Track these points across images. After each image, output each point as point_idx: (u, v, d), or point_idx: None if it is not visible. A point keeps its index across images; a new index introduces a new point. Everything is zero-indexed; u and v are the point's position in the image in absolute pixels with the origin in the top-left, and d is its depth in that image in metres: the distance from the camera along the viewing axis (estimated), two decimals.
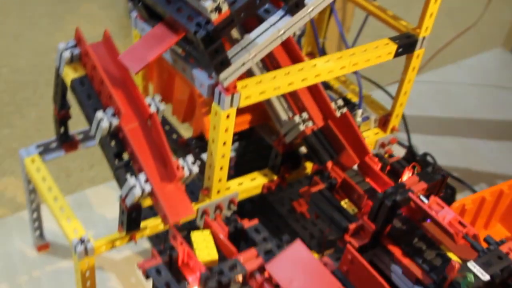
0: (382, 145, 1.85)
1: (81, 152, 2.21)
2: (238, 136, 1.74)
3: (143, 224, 1.47)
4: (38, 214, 1.82)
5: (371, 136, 1.83)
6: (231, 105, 1.38)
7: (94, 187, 2.11)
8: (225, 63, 1.31)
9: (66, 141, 1.68)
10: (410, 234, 1.39)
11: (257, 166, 1.65)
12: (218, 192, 1.55)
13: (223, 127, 1.41)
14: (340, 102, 1.59)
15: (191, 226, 1.55)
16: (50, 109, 1.65)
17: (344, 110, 1.56)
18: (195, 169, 1.38)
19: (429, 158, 2.25)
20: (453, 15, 3.33)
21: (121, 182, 1.37)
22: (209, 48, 1.26)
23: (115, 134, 1.39)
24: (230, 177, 1.55)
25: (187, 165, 1.37)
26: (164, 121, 1.74)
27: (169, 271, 1.26)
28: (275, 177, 1.65)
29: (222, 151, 1.46)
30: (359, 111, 1.79)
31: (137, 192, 1.31)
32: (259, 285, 1.15)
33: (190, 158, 1.38)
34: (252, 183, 1.62)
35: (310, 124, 1.53)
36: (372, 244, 1.39)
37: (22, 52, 2.75)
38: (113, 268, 1.85)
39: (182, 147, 1.68)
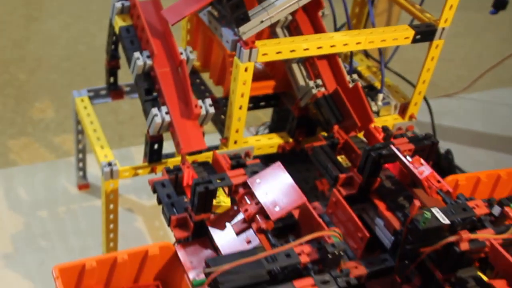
0: (399, 130, 1.97)
1: (137, 122, 2.48)
2: (266, 103, 1.92)
3: (164, 160, 1.68)
4: (84, 156, 2.08)
5: (389, 120, 1.96)
6: (249, 59, 1.57)
7: (140, 146, 2.33)
8: (245, 19, 1.51)
9: (114, 90, 1.93)
10: (397, 193, 1.52)
11: None
12: (235, 142, 1.73)
13: (241, 79, 1.60)
14: (355, 76, 1.74)
15: None
16: None
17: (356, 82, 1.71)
18: (211, 110, 1.58)
19: (450, 157, 2.33)
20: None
21: (147, 113, 1.58)
22: (231, 1, 1.47)
23: (148, 73, 1.62)
24: None
25: (204, 106, 1.57)
26: (196, 76, 1.94)
27: (172, 187, 1.45)
28: (291, 140, 1.82)
29: (239, 102, 1.65)
30: (380, 95, 1.93)
31: (158, 120, 1.52)
32: (240, 196, 1.32)
33: (208, 100, 1.58)
34: (269, 142, 1.79)
35: (322, 89, 1.69)
36: (360, 196, 1.52)
37: (99, 34, 3.08)
38: (141, 211, 2.07)
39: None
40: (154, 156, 1.65)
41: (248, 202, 1.31)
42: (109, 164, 1.65)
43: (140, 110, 1.63)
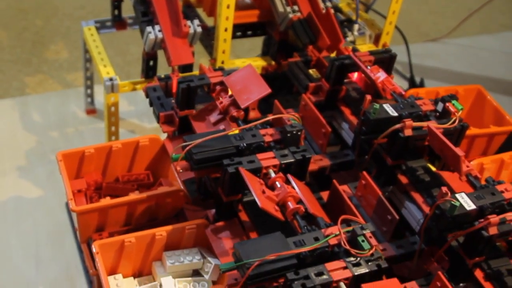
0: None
1: None
2: (252, 32, 2.13)
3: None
4: (91, 83, 2.31)
5: (364, 49, 2.15)
6: None
7: None
8: None
9: (119, 21, 2.16)
10: (360, 101, 1.72)
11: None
12: (223, 62, 1.95)
13: (225, 3, 1.82)
14: (328, 3, 1.95)
15: None
16: None
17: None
18: (199, 29, 1.79)
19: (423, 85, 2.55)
20: None
21: (143, 33, 1.81)
22: None
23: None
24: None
25: (193, 26, 1.79)
26: (191, 9, 2.15)
27: (163, 92, 1.68)
28: (273, 63, 2.04)
29: (224, 24, 1.87)
30: (356, 26, 2.13)
31: (152, 36, 1.75)
32: (217, 92, 1.53)
33: (196, 21, 1.80)
34: (253, 64, 2.00)
35: (298, 14, 1.90)
36: (329, 104, 1.74)
37: None
38: (142, 133, 2.31)
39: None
40: (150, 72, 1.88)
41: (223, 96, 1.53)
42: (111, 79, 1.88)
43: None
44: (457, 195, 1.30)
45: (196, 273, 1.42)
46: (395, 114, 1.51)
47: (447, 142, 1.41)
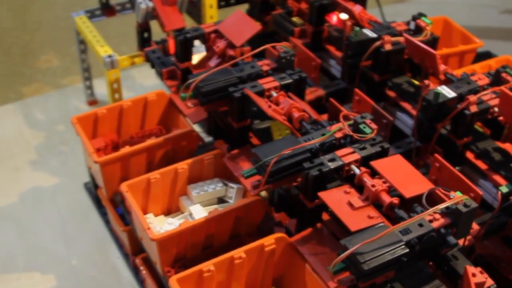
0: None
1: None
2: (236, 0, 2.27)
3: None
4: (89, 74, 2.44)
5: None
6: None
7: (140, 67, 2.66)
8: None
9: (107, 8, 2.29)
10: (341, 39, 1.86)
11: None
12: None
13: None
14: None
15: None
16: None
17: None
18: None
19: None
20: None
21: (133, 5, 1.94)
22: None
23: None
24: None
25: None
26: None
27: (161, 53, 1.81)
28: (258, 23, 2.17)
29: None
30: None
31: (143, 5, 1.89)
32: (212, 40, 1.67)
33: None
34: None
35: None
36: (315, 45, 1.88)
37: None
38: None
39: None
40: (145, 44, 2.01)
41: (218, 42, 1.67)
42: (109, 56, 2.00)
43: None
44: (438, 87, 1.45)
45: (221, 201, 1.53)
46: (375, 35, 1.66)
47: (422, 45, 1.55)
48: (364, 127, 1.31)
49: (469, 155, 1.49)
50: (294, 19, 1.98)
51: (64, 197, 2.10)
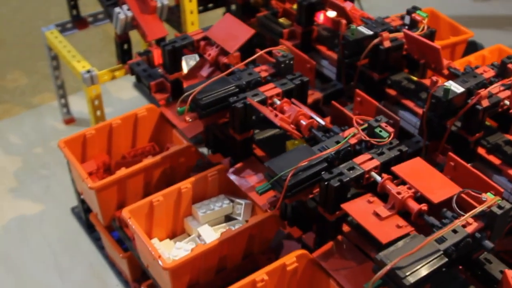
0: None
1: None
2: (214, 4, 2.19)
3: None
4: (64, 92, 2.31)
5: None
6: None
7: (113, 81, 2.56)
8: None
9: (79, 21, 2.17)
10: (332, 37, 1.80)
11: None
12: None
13: None
14: None
15: None
16: None
17: None
18: (166, 1, 1.84)
19: None
20: None
21: (111, 16, 1.84)
22: None
23: None
24: None
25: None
26: None
27: (147, 65, 1.71)
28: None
29: None
30: None
31: (122, 16, 1.78)
32: (202, 47, 1.58)
33: None
34: None
35: None
36: (305, 46, 1.81)
37: (53, 8, 3.30)
38: None
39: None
40: (126, 56, 1.91)
41: (209, 50, 1.58)
42: (88, 71, 1.89)
43: None
44: (445, 83, 1.39)
45: (228, 218, 1.45)
46: (371, 32, 1.60)
47: (425, 40, 1.50)
48: (380, 131, 1.25)
49: (481, 150, 1.44)
50: (281, 20, 1.91)
51: (51, 225, 1.98)
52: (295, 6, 2.01)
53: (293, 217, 1.33)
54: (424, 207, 1.12)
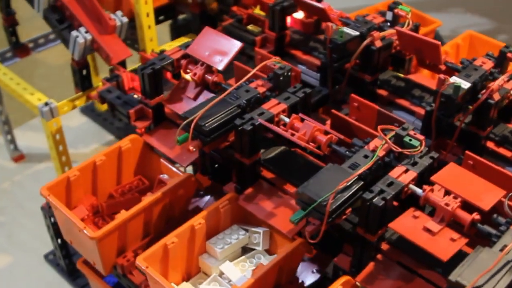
0: None
1: None
2: (165, 16, 2.05)
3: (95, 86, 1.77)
4: (9, 128, 2.09)
5: None
6: None
7: None
8: None
9: (19, 48, 1.96)
10: (306, 41, 1.73)
11: None
12: (153, 51, 1.85)
13: None
14: None
15: None
16: None
17: None
18: (125, 19, 1.68)
19: None
20: None
21: (67, 41, 1.66)
22: None
23: (54, 6, 1.68)
24: None
25: (117, 18, 1.67)
26: None
27: (118, 91, 1.56)
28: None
29: (145, 9, 1.77)
30: None
31: (81, 40, 1.61)
32: (184, 66, 1.44)
33: (119, 12, 1.69)
34: (180, 42, 1.93)
35: None
36: (278, 52, 1.71)
37: None
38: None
39: None
40: (85, 82, 1.74)
41: (193, 68, 1.45)
42: (46, 104, 1.70)
43: None
44: (450, 79, 1.35)
45: (244, 250, 1.34)
46: (357, 33, 1.53)
47: (422, 37, 1.46)
48: (410, 140, 1.18)
49: (489, 144, 1.42)
50: (250, 27, 1.81)
51: (23, 277, 1.77)
52: (258, 11, 1.93)
53: (324, 243, 1.24)
54: (476, 216, 1.07)
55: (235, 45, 1.43)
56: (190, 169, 1.58)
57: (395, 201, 1.15)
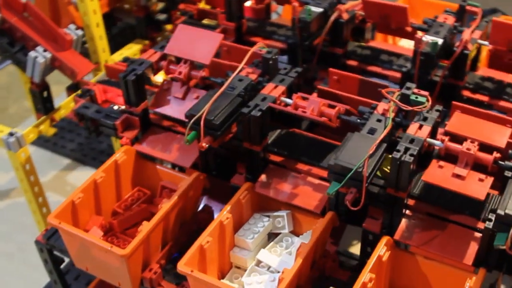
0: None
1: None
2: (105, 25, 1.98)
3: (56, 106, 1.68)
4: None
5: None
6: None
7: None
8: None
9: None
10: (261, 26, 1.75)
11: None
12: (106, 61, 1.79)
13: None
14: None
15: None
16: None
17: None
18: (79, 32, 1.61)
19: None
20: None
21: (23, 63, 1.56)
22: None
23: (2, 30, 1.58)
24: None
25: (72, 31, 1.60)
26: None
27: (94, 104, 1.49)
28: (147, 42, 1.93)
29: (94, 19, 1.71)
30: None
31: (41, 59, 1.53)
32: (166, 67, 1.41)
33: (72, 25, 1.61)
34: (130, 51, 1.88)
35: None
36: (238, 40, 1.72)
37: None
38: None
39: None
40: (48, 104, 1.65)
41: (176, 68, 1.42)
42: (11, 134, 1.60)
43: None
44: (423, 38, 1.43)
45: (269, 236, 1.34)
46: (321, 9, 1.58)
47: (388, 2, 1.53)
48: (417, 97, 1.24)
49: (465, 92, 1.52)
50: (205, 21, 1.80)
51: None
52: (203, 5, 1.92)
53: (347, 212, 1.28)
54: (497, 155, 1.15)
55: (216, 37, 1.42)
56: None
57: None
